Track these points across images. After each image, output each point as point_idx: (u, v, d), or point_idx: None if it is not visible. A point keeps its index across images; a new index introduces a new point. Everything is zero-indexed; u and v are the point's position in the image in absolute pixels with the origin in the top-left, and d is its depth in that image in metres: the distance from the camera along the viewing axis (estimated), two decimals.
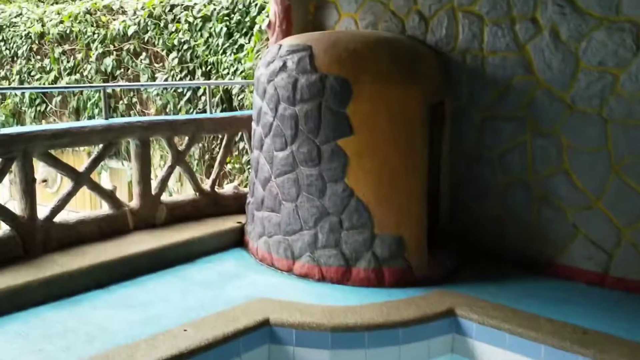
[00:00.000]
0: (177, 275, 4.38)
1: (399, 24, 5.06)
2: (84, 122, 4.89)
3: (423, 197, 4.31)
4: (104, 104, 4.86)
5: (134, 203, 5.04)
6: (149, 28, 7.89)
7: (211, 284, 4.20)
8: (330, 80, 4.20)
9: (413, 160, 4.26)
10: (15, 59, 10.03)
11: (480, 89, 4.70)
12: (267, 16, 5.95)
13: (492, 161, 4.71)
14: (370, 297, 3.98)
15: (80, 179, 4.62)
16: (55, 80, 9.27)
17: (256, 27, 6.68)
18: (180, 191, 7.86)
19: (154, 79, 7.96)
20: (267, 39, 6.05)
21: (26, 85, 9.83)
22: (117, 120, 4.92)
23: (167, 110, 7.77)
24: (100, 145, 4.78)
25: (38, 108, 9.76)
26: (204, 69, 7.41)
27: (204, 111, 7.47)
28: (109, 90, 8.31)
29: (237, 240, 5.11)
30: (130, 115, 8.42)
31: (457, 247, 4.74)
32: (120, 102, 8.42)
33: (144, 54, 8.05)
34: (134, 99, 8.33)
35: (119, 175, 8.61)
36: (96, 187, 4.80)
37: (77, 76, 8.90)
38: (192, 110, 7.52)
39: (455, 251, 4.68)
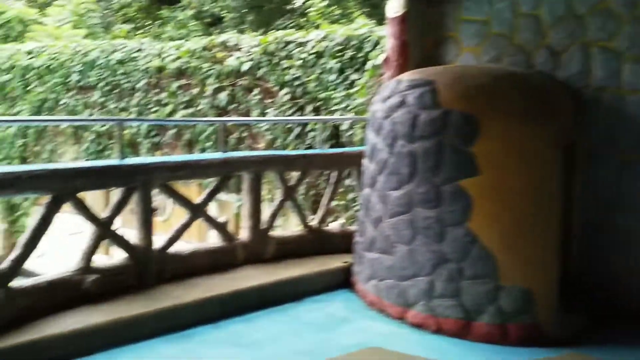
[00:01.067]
0: (286, 314, 4.27)
1: (525, 59, 4.78)
2: (202, 155, 5.00)
3: (555, 246, 3.94)
4: (221, 137, 4.94)
5: (244, 236, 5.04)
6: (262, 64, 8.10)
7: (321, 326, 4.05)
8: (455, 116, 3.99)
9: (545, 205, 3.92)
10: (134, 92, 10.68)
11: (618, 129, 4.29)
12: (382, 52, 5.87)
13: (635, 208, 4.24)
14: (493, 355, 3.64)
15: (196, 211, 4.69)
16: (170, 114, 9.74)
17: (370, 63, 6.64)
18: (283, 226, 7.87)
19: (264, 114, 8.13)
20: (381, 75, 5.96)
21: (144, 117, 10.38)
22: (233, 154, 4.99)
23: (276, 145, 7.87)
24: (216, 178, 4.84)
25: (153, 140, 10.28)
26: (314, 105, 7.46)
27: (311, 147, 7.48)
28: (220, 124, 8.57)
29: (343, 280, 4.95)
30: (239, 149, 8.62)
31: (589, 303, 4.27)
32: (231, 136, 8.66)
33: (256, 89, 8.26)
34: (244, 133, 8.53)
35: (227, 207, 8.80)
36: (210, 220, 4.84)
37: (192, 110, 9.30)
38: (300, 146, 7.56)
39: (587, 307, 4.22)
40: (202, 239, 9.78)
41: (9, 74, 13.46)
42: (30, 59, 12.91)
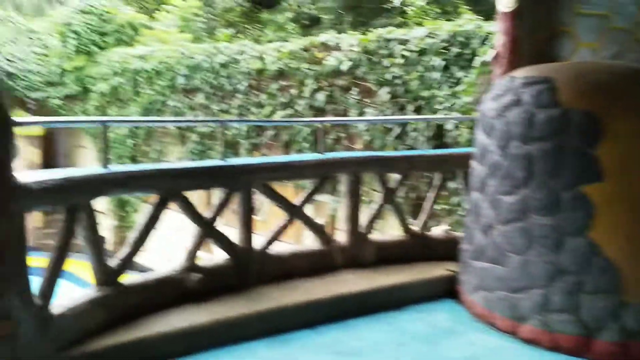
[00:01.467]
0: (387, 322, 4.12)
1: None
2: (301, 156, 4.95)
3: None
4: (320, 138, 4.87)
5: (343, 240, 4.94)
6: (362, 63, 7.99)
7: (425, 338, 3.86)
8: (576, 116, 3.65)
9: None
10: (235, 93, 10.95)
11: None
12: (491, 48, 5.55)
13: None
14: None
15: (295, 213, 4.65)
16: (269, 115, 9.88)
17: (477, 60, 6.32)
18: (381, 230, 7.70)
19: (362, 114, 8.01)
20: (490, 72, 5.64)
21: (244, 118, 10.62)
22: (332, 155, 4.90)
23: (375, 145, 7.73)
24: (314, 180, 4.78)
25: (252, 140, 10.48)
26: (415, 104, 7.24)
27: (412, 148, 7.26)
28: (319, 124, 8.56)
29: (447, 289, 4.71)
30: (336, 150, 8.57)
31: None
32: (328, 136, 8.61)
33: (355, 89, 8.16)
34: (341, 134, 8.46)
35: (322, 208, 8.78)
36: (309, 222, 4.79)
37: (290, 111, 9.37)
38: (399, 146, 7.36)
39: None
40: (297, 240, 9.85)
41: (121, 77, 14.32)
42: (140, 62, 13.65)
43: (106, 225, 14.70)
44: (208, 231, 4.16)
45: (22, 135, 15.27)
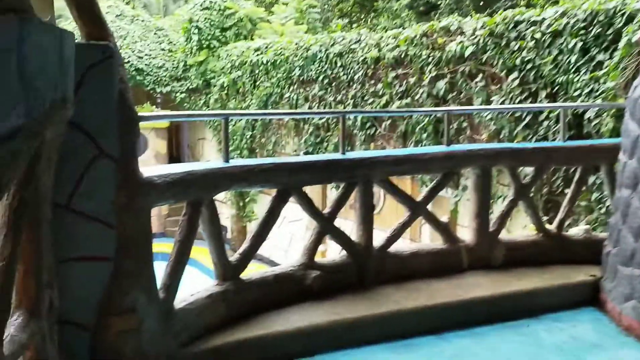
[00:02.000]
0: (520, 332, 3.77)
1: None
2: (425, 149, 4.69)
3: None
4: (446, 129, 4.57)
5: (470, 239, 4.61)
6: (488, 48, 7.50)
7: (566, 352, 3.47)
8: None
9: None
10: (351, 83, 10.81)
11: None
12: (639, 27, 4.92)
13: None
14: None
15: (418, 209, 4.40)
16: (386, 104, 9.63)
17: (623, 41, 5.64)
18: (509, 228, 7.21)
19: (488, 102, 7.53)
20: (638, 53, 5.01)
21: (360, 109, 10.47)
22: (459, 147, 4.60)
23: (502, 136, 7.23)
24: (439, 174, 4.49)
25: (368, 131, 10.30)
26: (549, 90, 6.65)
27: (545, 138, 6.69)
28: (439, 114, 8.19)
29: (589, 297, 4.24)
30: (458, 141, 8.14)
31: None
32: (449, 126, 8.19)
33: (479, 75, 7.69)
34: (464, 124, 8.02)
35: (442, 204, 8.41)
36: (432, 219, 4.52)
37: (408, 100, 9.06)
38: (531, 137, 6.82)
39: None
40: (413, 235, 9.53)
41: (240, 71, 14.74)
42: (258, 55, 13.96)
43: (226, 214, 15.28)
44: (327, 227, 4.03)
45: (149, 128, 16.27)
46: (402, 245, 4.49)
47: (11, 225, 1.68)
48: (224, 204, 15.30)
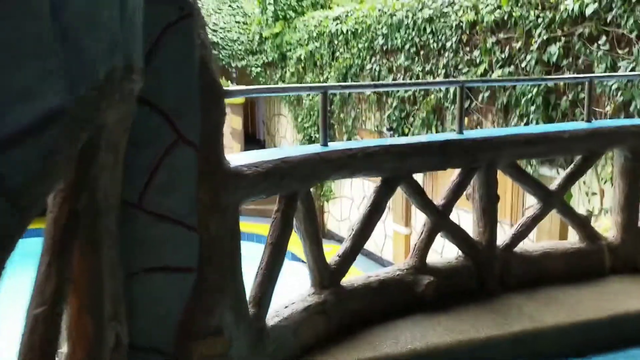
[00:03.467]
0: None
1: None
2: (562, 126, 3.94)
3: None
4: (587, 101, 3.80)
5: (613, 236, 3.86)
6: (614, 4, 6.49)
7: None
8: None
9: None
10: (442, 52, 9.97)
11: None
12: None
13: None
14: None
15: (551, 200, 3.68)
16: (484, 74, 8.77)
17: None
18: None
19: (614, 68, 6.56)
20: None
21: (451, 79, 9.65)
22: (604, 123, 3.83)
23: (631, 109, 6.27)
24: (579, 157, 3.75)
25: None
26: None
27: None
28: (551, 84, 7.28)
29: None
30: (573, 115, 7.22)
31: None
32: (564, 97, 7.28)
33: (603, 38, 6.70)
34: (581, 94, 7.07)
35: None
36: (568, 212, 3.79)
37: (511, 68, 8.16)
38: None
39: None
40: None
41: (318, 42, 14.14)
42: (337, 25, 13.30)
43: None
44: (440, 223, 3.41)
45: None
46: (530, 244, 3.79)
47: (57, 250, 1.18)
48: None
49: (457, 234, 3.49)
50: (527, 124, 7.88)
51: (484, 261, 3.50)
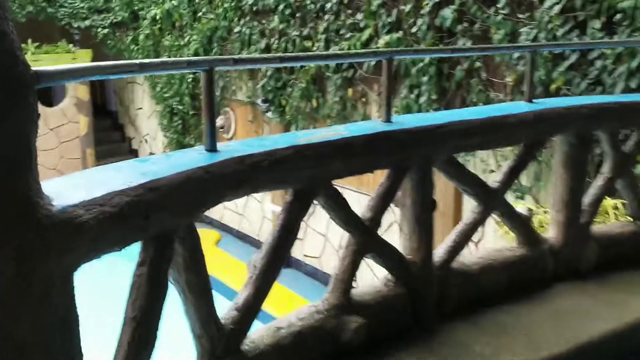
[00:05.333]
0: None
1: None
2: (502, 107, 3.32)
3: None
4: (528, 76, 3.20)
5: (554, 237, 3.36)
6: None
7: None
8: None
9: None
10: (321, 14, 9.19)
11: None
12: None
13: None
14: None
15: (492, 200, 3.05)
16: (369, 40, 8.12)
17: None
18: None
19: (514, 36, 6.16)
20: None
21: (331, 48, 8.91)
22: (547, 102, 3.25)
23: (535, 80, 5.91)
24: (520, 146, 3.16)
25: (344, 74, 8.79)
26: (604, 19, 5.33)
27: (598, 83, 5.42)
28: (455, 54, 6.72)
29: None
30: (469, 86, 6.79)
31: None
32: (458, 67, 6.81)
33: (502, 0, 6.26)
34: (477, 63, 6.65)
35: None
36: (509, 213, 3.19)
37: (400, 34, 7.57)
38: (579, 83, 5.52)
39: None
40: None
41: (175, 0, 12.75)
42: None
43: None
44: (367, 242, 2.64)
45: None
46: (467, 254, 3.15)
47: None
48: None
49: (389, 255, 2.74)
50: (418, 96, 7.38)
51: (419, 286, 2.81)
